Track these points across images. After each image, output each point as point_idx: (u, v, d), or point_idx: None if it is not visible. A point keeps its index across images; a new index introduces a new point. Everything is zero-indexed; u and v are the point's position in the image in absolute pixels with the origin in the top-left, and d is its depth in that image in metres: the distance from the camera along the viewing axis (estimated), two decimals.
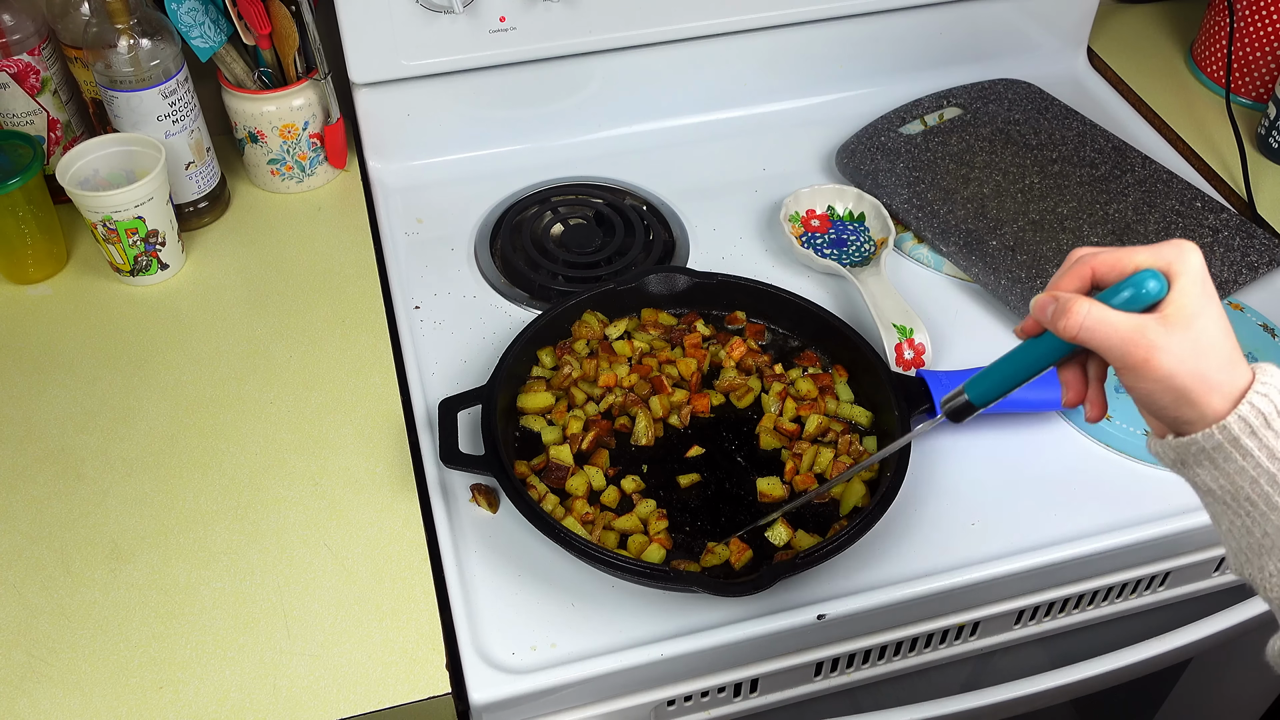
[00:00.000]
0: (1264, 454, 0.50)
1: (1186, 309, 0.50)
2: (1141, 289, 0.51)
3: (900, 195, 1.03)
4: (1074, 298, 0.52)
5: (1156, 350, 0.50)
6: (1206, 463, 0.52)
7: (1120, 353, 0.51)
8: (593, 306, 0.90)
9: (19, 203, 0.93)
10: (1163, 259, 0.52)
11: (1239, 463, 0.51)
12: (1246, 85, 1.19)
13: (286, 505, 0.82)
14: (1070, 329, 0.52)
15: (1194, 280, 0.51)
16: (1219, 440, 0.51)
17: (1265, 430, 0.50)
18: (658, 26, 1.06)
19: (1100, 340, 0.51)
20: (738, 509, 0.79)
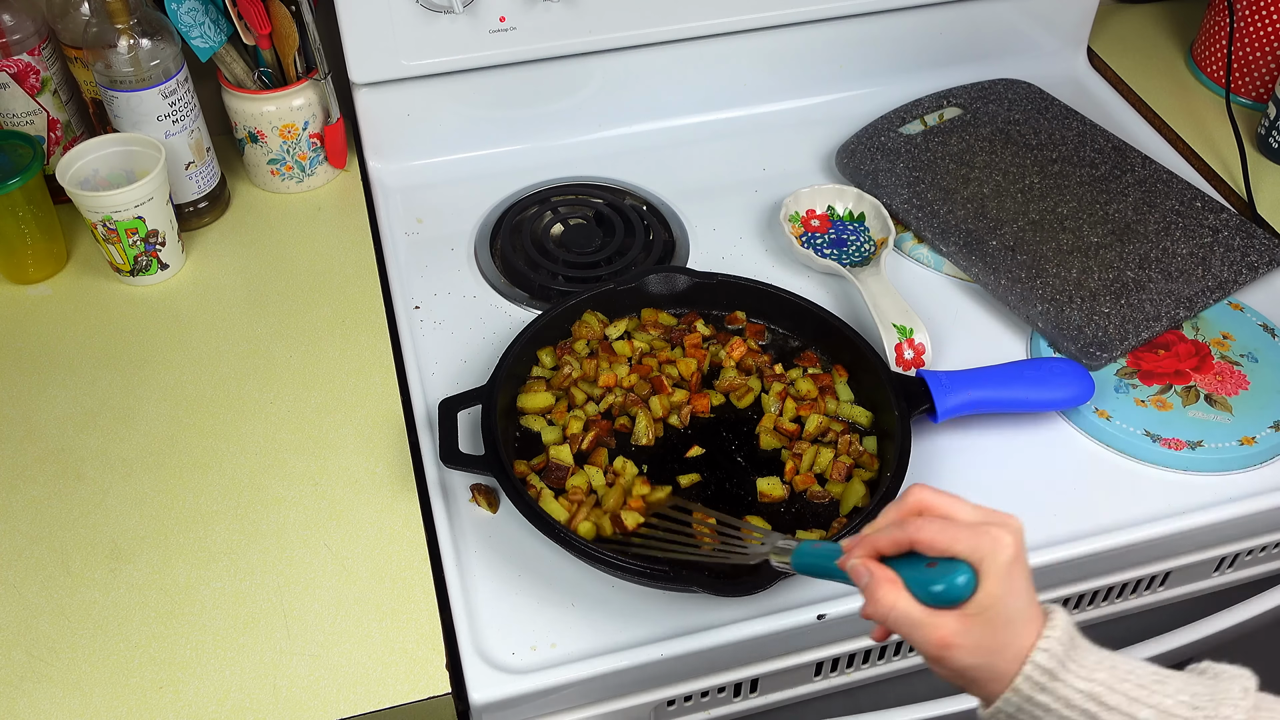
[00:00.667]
0: (1061, 705, 0.52)
1: (990, 608, 0.53)
2: (952, 584, 0.53)
3: (900, 195, 1.03)
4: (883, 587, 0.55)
5: (951, 648, 0.53)
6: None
7: (919, 646, 0.54)
8: (593, 306, 0.90)
9: (19, 203, 0.93)
10: (978, 552, 0.53)
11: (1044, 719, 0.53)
12: (1246, 85, 1.19)
13: (286, 505, 0.82)
14: (874, 614, 0.55)
15: (999, 577, 0.53)
16: (1016, 703, 0.53)
17: (1053, 683, 0.52)
18: (658, 26, 1.06)
19: (902, 631, 0.54)
20: (738, 509, 0.79)
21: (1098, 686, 0.52)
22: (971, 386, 0.84)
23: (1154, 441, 0.84)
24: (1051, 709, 0.53)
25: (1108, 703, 0.52)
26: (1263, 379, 0.89)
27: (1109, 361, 0.90)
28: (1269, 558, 0.90)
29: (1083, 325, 0.91)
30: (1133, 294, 0.93)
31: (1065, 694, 0.53)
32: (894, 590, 0.54)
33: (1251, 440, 0.85)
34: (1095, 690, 0.52)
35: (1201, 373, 0.90)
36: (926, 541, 0.54)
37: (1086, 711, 0.52)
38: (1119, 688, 0.52)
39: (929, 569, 0.54)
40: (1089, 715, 0.52)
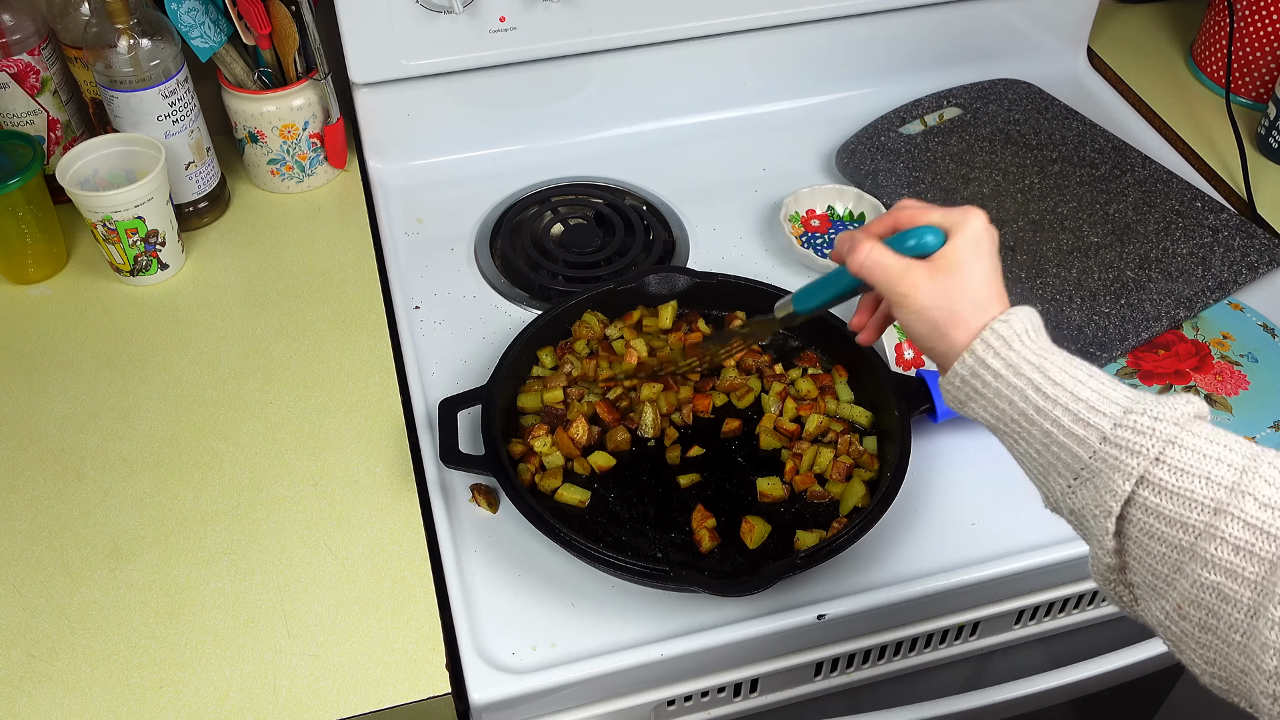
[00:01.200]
0: (1010, 371, 0.56)
1: (951, 261, 0.59)
2: (922, 240, 0.60)
3: (900, 195, 1.03)
4: (863, 239, 0.62)
5: (915, 288, 0.59)
6: (973, 394, 0.58)
7: (887, 287, 0.60)
8: (593, 306, 0.90)
9: (19, 203, 0.93)
10: (949, 220, 0.61)
11: (993, 385, 0.57)
12: (1246, 85, 1.19)
13: (286, 505, 0.82)
14: (853, 264, 0.62)
15: (966, 239, 0.59)
16: (970, 365, 0.57)
17: (1007, 350, 0.56)
18: (658, 26, 1.06)
19: (875, 276, 0.61)
20: (738, 509, 0.79)
21: (1048, 364, 0.56)
22: None
23: None
24: (1001, 375, 0.56)
25: (1053, 376, 0.55)
26: (1263, 379, 0.89)
27: (1109, 361, 0.90)
28: None
29: (1083, 325, 0.91)
30: (1133, 294, 0.93)
31: (1015, 361, 0.56)
32: (872, 242, 0.61)
33: (1251, 440, 0.84)
34: (1045, 365, 0.56)
35: (1201, 373, 0.90)
36: (907, 218, 0.62)
37: (1031, 381, 0.55)
38: (1068, 369, 0.55)
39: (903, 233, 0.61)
40: (1034, 385, 0.55)
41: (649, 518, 0.79)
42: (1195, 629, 0.49)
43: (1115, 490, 0.51)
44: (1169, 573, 0.50)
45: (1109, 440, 0.52)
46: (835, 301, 0.69)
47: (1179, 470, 0.50)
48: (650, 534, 0.78)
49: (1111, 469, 0.52)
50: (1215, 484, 0.49)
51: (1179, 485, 0.50)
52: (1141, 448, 0.51)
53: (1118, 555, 0.53)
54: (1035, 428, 0.55)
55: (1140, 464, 0.51)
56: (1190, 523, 0.49)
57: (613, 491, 0.80)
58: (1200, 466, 0.50)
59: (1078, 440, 0.53)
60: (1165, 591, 0.51)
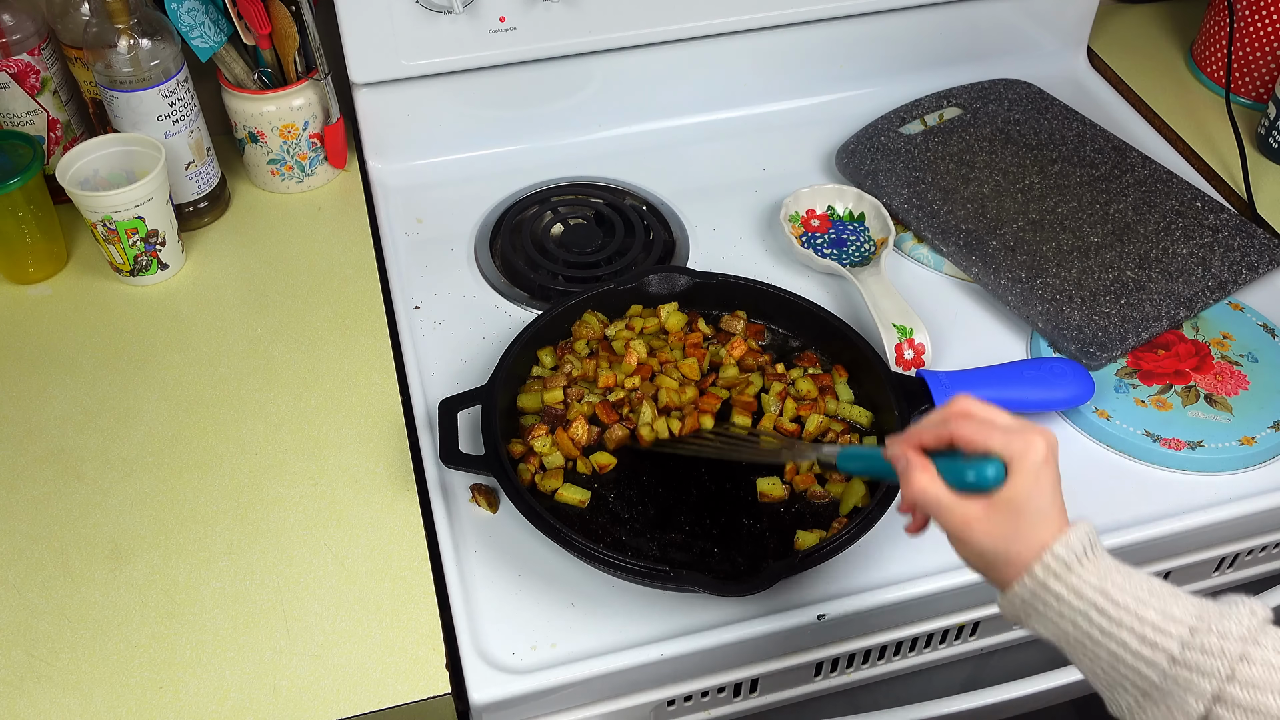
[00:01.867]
0: (1072, 595, 0.55)
1: (1013, 499, 0.57)
2: (982, 475, 0.58)
3: (900, 195, 1.03)
4: (916, 464, 0.60)
5: (973, 534, 0.58)
6: (1033, 613, 0.57)
7: (944, 525, 0.59)
8: (593, 306, 0.90)
9: (19, 203, 0.93)
10: (1011, 449, 0.58)
11: (1055, 607, 0.56)
12: (1246, 85, 1.19)
13: (286, 505, 0.82)
14: (908, 495, 0.60)
15: (1027, 475, 0.57)
16: (1030, 588, 0.56)
17: (1068, 574, 0.56)
18: (658, 26, 1.06)
19: (931, 511, 0.59)
20: (738, 509, 0.79)
21: (1109, 585, 0.55)
22: (971, 386, 0.84)
23: (1154, 441, 0.84)
24: (1064, 598, 0.55)
25: (1116, 599, 0.54)
26: (1263, 379, 0.89)
27: (1109, 361, 0.90)
28: (1269, 558, 0.90)
29: (1083, 325, 0.91)
30: (1133, 294, 0.93)
31: (1077, 585, 0.55)
32: (928, 475, 0.59)
33: (1251, 440, 0.85)
34: (1106, 587, 0.55)
35: (1201, 373, 0.90)
36: (965, 438, 0.59)
37: (1094, 604, 0.55)
38: (1129, 588, 0.55)
39: (964, 461, 0.59)
40: (1096, 608, 0.54)
41: (649, 518, 0.79)
42: None
43: (1189, 711, 0.51)
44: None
45: (1178, 662, 0.52)
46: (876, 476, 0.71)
47: (1253, 687, 0.50)
48: (650, 534, 0.78)
49: (1184, 690, 0.51)
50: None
51: (1254, 701, 0.50)
52: (1212, 669, 0.51)
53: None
54: (1101, 649, 0.55)
55: (1213, 685, 0.51)
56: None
57: (613, 491, 0.80)
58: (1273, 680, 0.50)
59: (1146, 662, 0.53)
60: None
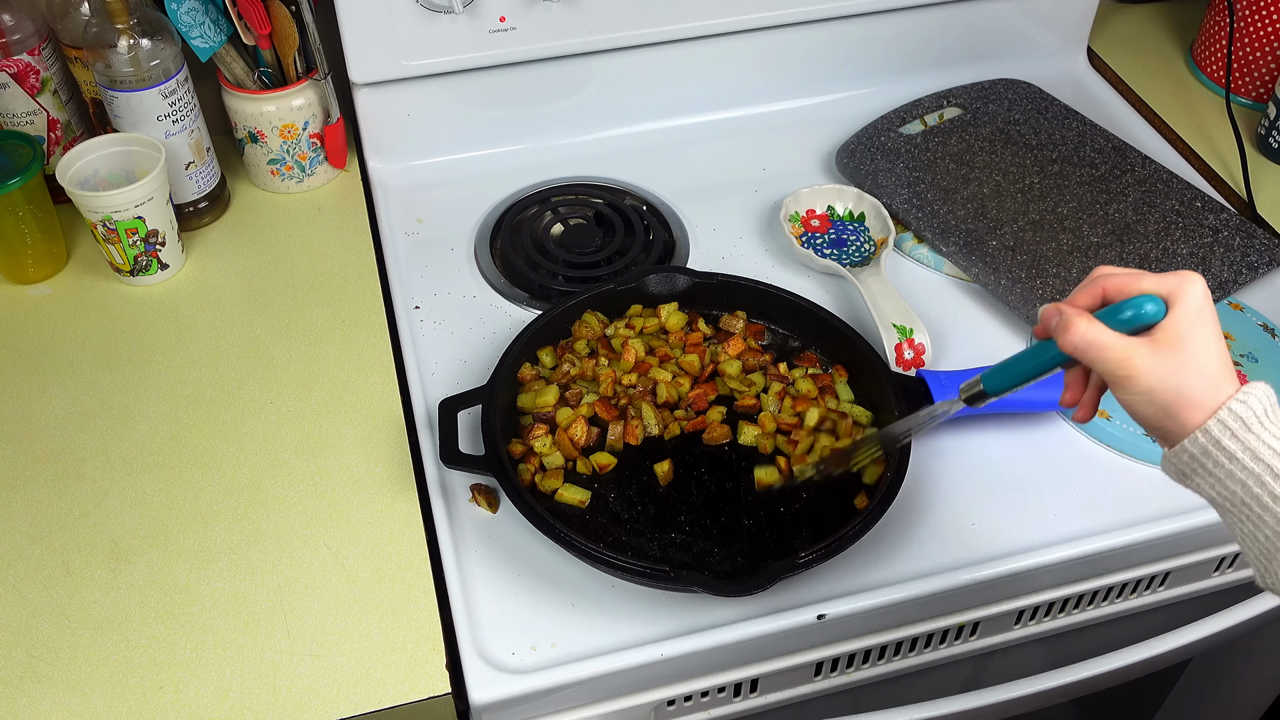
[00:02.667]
0: (1247, 455, 0.53)
1: (1176, 334, 0.55)
2: (1141, 310, 0.56)
3: (900, 195, 1.03)
4: (1075, 315, 0.57)
5: (1139, 370, 0.55)
6: (1201, 471, 0.55)
7: (1108, 369, 0.56)
8: (593, 306, 0.90)
9: (19, 203, 0.93)
10: (1166, 286, 0.56)
11: (1226, 466, 0.54)
12: (1246, 85, 1.19)
13: (286, 505, 0.82)
14: (1068, 344, 0.57)
15: (1189, 309, 0.55)
16: (1203, 444, 0.54)
17: (1245, 433, 0.53)
18: (658, 26, 1.06)
19: (1093, 356, 0.56)
20: (738, 509, 0.79)
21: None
22: None
23: (1154, 442, 0.84)
24: (1237, 458, 0.53)
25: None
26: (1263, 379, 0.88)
27: None
28: None
29: None
30: None
31: (1254, 445, 0.53)
32: (1086, 319, 0.57)
33: None
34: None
35: None
36: (1117, 287, 0.58)
37: (1271, 467, 0.53)
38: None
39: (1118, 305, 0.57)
40: (1273, 471, 0.53)
41: (649, 518, 0.79)
42: None
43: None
44: None
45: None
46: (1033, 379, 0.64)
47: None
48: (650, 534, 0.78)
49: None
50: None
51: None
52: None
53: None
54: (1269, 514, 0.53)
55: None
56: None
57: (613, 491, 0.80)
58: None
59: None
60: None
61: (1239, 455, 0.53)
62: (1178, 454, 0.56)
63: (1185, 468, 0.56)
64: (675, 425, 0.84)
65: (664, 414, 0.84)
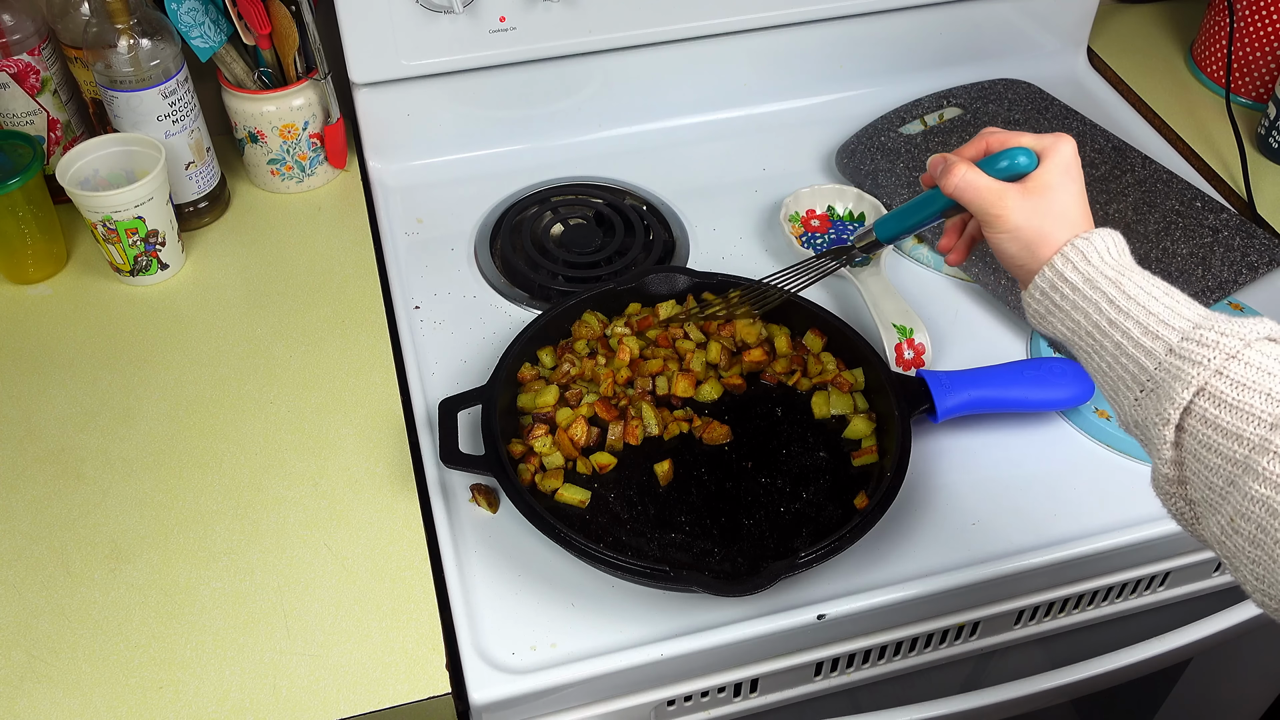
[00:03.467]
0: (1087, 285, 0.58)
1: (1044, 182, 0.62)
2: (1014, 161, 0.63)
3: (900, 195, 1.03)
4: (957, 161, 0.64)
5: (1008, 209, 0.62)
6: (1052, 308, 0.60)
7: (981, 207, 0.63)
8: (593, 306, 0.90)
9: (19, 203, 0.93)
10: (1040, 144, 0.63)
11: (1070, 298, 0.59)
12: (1246, 85, 1.19)
13: (286, 505, 0.82)
14: (948, 185, 0.64)
15: (1058, 163, 0.62)
16: (1049, 278, 0.60)
17: (1085, 265, 0.59)
18: (658, 26, 1.06)
19: (969, 196, 0.64)
20: (738, 509, 0.79)
21: (1124, 279, 0.57)
22: (971, 386, 0.84)
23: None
24: (1078, 288, 0.58)
25: (1127, 291, 0.57)
26: None
27: None
28: None
29: None
30: None
31: (1092, 274, 0.58)
32: (966, 165, 0.64)
33: None
34: (1121, 280, 0.57)
35: None
36: (998, 141, 0.64)
37: (1106, 294, 0.57)
38: (1144, 285, 0.57)
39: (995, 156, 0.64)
40: (1108, 298, 0.57)
41: (649, 518, 0.79)
42: (1246, 543, 0.50)
43: (1175, 399, 0.52)
44: (1223, 485, 0.51)
45: (1175, 352, 0.53)
46: (919, 227, 0.72)
47: (1239, 384, 0.51)
48: (650, 534, 0.78)
49: (1173, 379, 0.53)
50: (1275, 400, 0.50)
51: (1237, 399, 0.50)
52: (1204, 359, 0.52)
53: (1176, 467, 0.54)
54: (1107, 339, 0.57)
55: (1201, 375, 0.52)
56: (1246, 436, 0.50)
57: (613, 491, 0.80)
58: (1261, 383, 0.50)
59: (1145, 352, 0.55)
60: (1220, 505, 0.51)
61: (1079, 285, 0.58)
62: (1031, 291, 0.61)
63: (1040, 306, 0.61)
64: (675, 425, 0.84)
65: (664, 414, 0.84)
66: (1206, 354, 0.52)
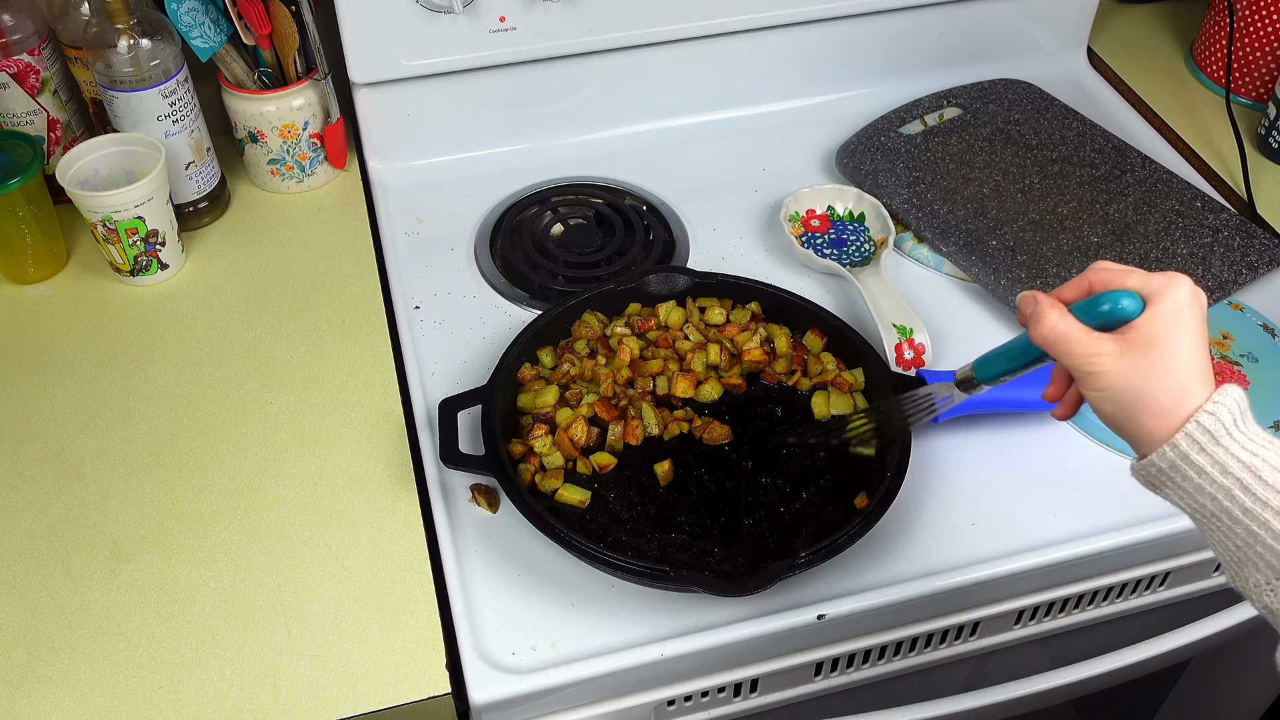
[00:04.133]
0: (1216, 469, 0.52)
1: (1148, 334, 0.54)
2: (1117, 305, 0.55)
3: (900, 195, 1.03)
4: (1048, 307, 0.57)
5: (1103, 365, 0.54)
6: (1169, 483, 0.54)
7: (1073, 363, 0.56)
8: (593, 306, 0.90)
9: (19, 203, 0.93)
10: (1150, 285, 0.55)
11: (1195, 480, 0.53)
12: (1246, 85, 1.19)
13: (286, 505, 0.82)
14: (1038, 335, 0.57)
15: (1167, 310, 0.54)
16: (1171, 459, 0.53)
17: (1214, 447, 0.52)
18: (658, 26, 1.06)
19: (1060, 350, 0.56)
20: (738, 509, 0.79)
21: (1259, 460, 0.51)
22: None
23: None
24: (1206, 472, 0.52)
25: (1265, 478, 0.51)
26: (1263, 379, 0.89)
27: None
28: None
29: None
30: None
31: (1224, 459, 0.52)
32: (1057, 311, 0.56)
33: None
34: (1255, 463, 0.51)
35: None
36: (1101, 280, 0.56)
37: (1240, 481, 0.51)
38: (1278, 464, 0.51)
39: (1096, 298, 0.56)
40: (1242, 485, 0.51)
41: (649, 518, 0.79)
42: None
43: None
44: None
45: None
46: (1020, 371, 0.64)
47: None
48: (650, 534, 0.78)
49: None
50: None
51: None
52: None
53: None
54: (1239, 526, 0.52)
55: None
56: None
57: (613, 491, 0.80)
58: None
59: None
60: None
61: (1208, 469, 0.52)
62: (1146, 467, 0.55)
63: (1155, 480, 0.55)
64: (675, 425, 0.84)
65: (664, 414, 0.84)
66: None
